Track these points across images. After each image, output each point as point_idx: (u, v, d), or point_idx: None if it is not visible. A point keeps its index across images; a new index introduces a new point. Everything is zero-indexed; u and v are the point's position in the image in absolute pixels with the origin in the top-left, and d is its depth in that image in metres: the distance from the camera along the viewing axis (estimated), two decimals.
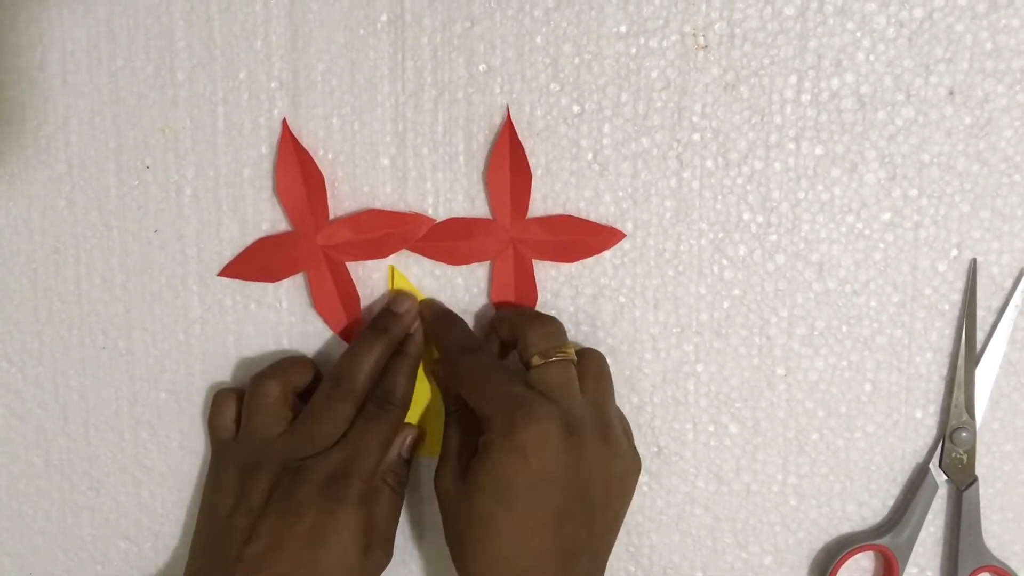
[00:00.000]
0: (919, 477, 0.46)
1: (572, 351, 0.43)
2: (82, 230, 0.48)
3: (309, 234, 0.46)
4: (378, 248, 0.46)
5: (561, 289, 0.46)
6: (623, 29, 0.44)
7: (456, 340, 0.44)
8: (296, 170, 0.46)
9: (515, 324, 0.43)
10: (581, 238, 0.45)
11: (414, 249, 0.46)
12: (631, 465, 0.43)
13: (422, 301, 0.46)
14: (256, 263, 0.47)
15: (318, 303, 0.46)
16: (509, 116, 0.45)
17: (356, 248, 0.46)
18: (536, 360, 0.42)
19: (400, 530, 0.47)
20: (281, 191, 0.46)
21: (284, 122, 0.46)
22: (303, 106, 0.46)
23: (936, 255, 0.45)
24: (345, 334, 0.47)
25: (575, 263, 0.46)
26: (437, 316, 0.46)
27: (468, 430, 0.43)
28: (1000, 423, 0.46)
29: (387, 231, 0.46)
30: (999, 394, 0.46)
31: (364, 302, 0.47)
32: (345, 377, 0.43)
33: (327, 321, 0.47)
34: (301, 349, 0.47)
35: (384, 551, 0.44)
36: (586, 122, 0.45)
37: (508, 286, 0.46)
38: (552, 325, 0.43)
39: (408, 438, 0.46)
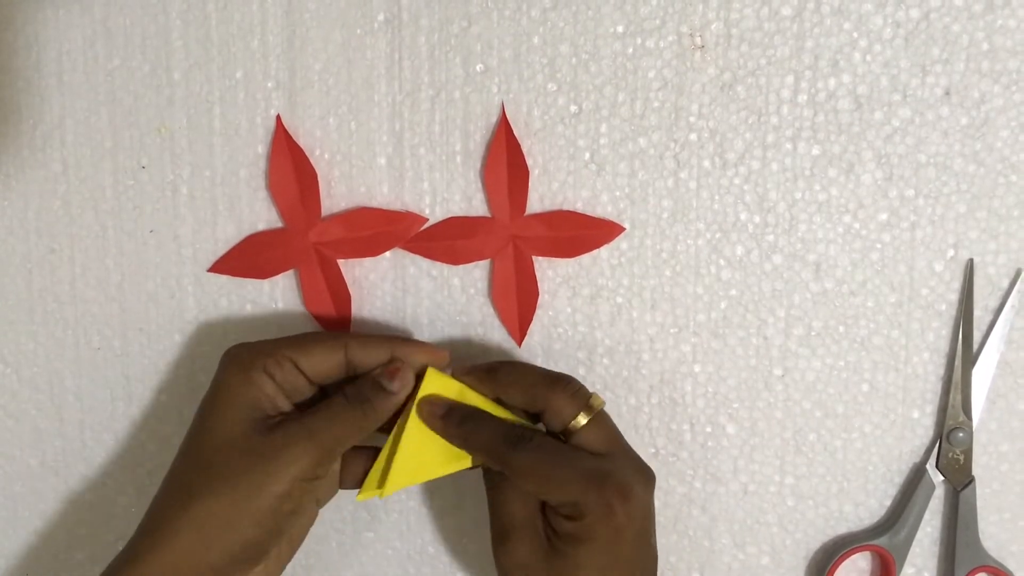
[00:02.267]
0: (916, 477, 0.46)
1: (597, 396, 0.42)
2: (78, 230, 0.47)
3: (301, 231, 0.46)
4: (370, 246, 0.46)
5: (558, 289, 0.46)
6: (620, 29, 0.44)
7: (497, 437, 0.41)
8: (289, 167, 0.46)
9: (533, 392, 0.41)
10: (581, 233, 0.45)
11: (413, 249, 0.46)
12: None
13: (424, 399, 0.42)
14: (247, 259, 0.46)
15: (309, 301, 0.46)
16: (504, 113, 0.45)
17: (348, 246, 0.46)
18: (581, 420, 0.41)
19: None
20: (273, 187, 0.46)
21: (278, 118, 0.46)
22: (300, 106, 0.46)
23: (933, 255, 0.45)
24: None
25: (573, 263, 0.46)
26: (461, 419, 0.41)
27: (526, 501, 0.41)
28: (997, 423, 0.46)
29: (379, 229, 0.46)
30: (996, 394, 0.46)
31: (355, 300, 0.47)
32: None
33: (317, 319, 0.46)
34: None
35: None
36: (583, 122, 0.45)
37: (509, 284, 0.46)
38: (573, 382, 0.42)
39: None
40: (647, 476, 0.41)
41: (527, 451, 0.40)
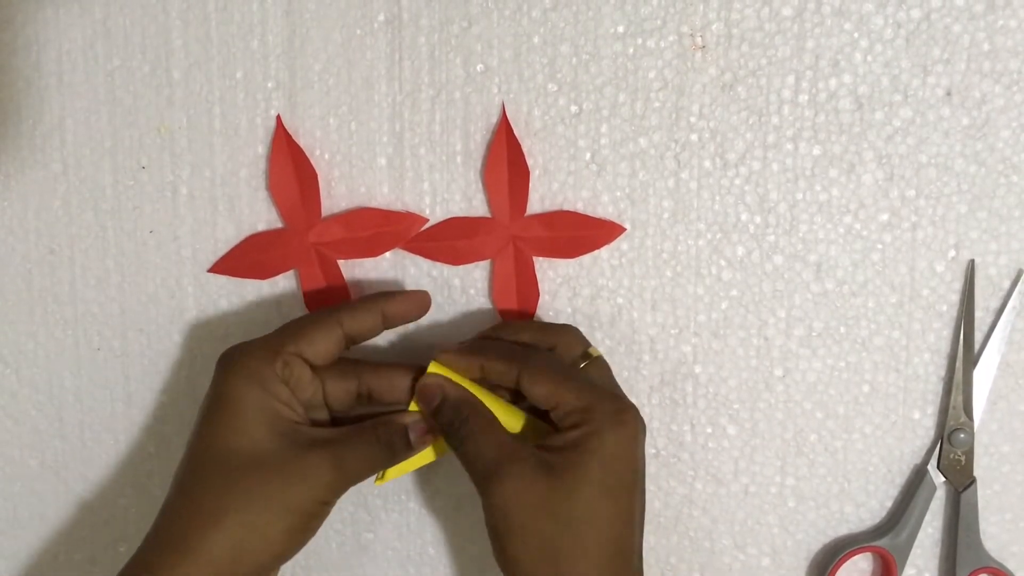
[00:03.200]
0: (917, 478, 0.46)
1: (594, 347, 0.44)
2: (77, 230, 0.47)
3: (301, 231, 0.46)
4: (370, 246, 0.46)
5: (559, 290, 0.46)
6: (620, 29, 0.44)
7: (514, 350, 0.42)
8: (289, 167, 0.45)
9: (542, 334, 0.43)
10: (581, 233, 0.45)
11: (413, 249, 0.46)
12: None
13: (412, 412, 0.42)
14: (247, 259, 0.46)
15: (309, 301, 0.46)
16: (505, 113, 0.45)
17: (348, 246, 0.46)
18: (593, 351, 0.43)
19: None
20: (273, 187, 0.46)
21: (278, 118, 0.46)
22: (300, 106, 0.46)
23: (934, 256, 0.45)
24: None
25: (573, 264, 0.46)
26: (473, 348, 0.43)
27: (530, 424, 0.42)
28: (998, 424, 0.46)
29: (379, 229, 0.46)
30: (997, 395, 0.46)
31: None
32: None
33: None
34: None
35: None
36: (584, 122, 0.45)
37: (509, 284, 0.46)
38: (575, 329, 0.44)
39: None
40: (644, 425, 0.41)
41: (543, 358, 0.41)
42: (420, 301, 0.44)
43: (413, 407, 0.42)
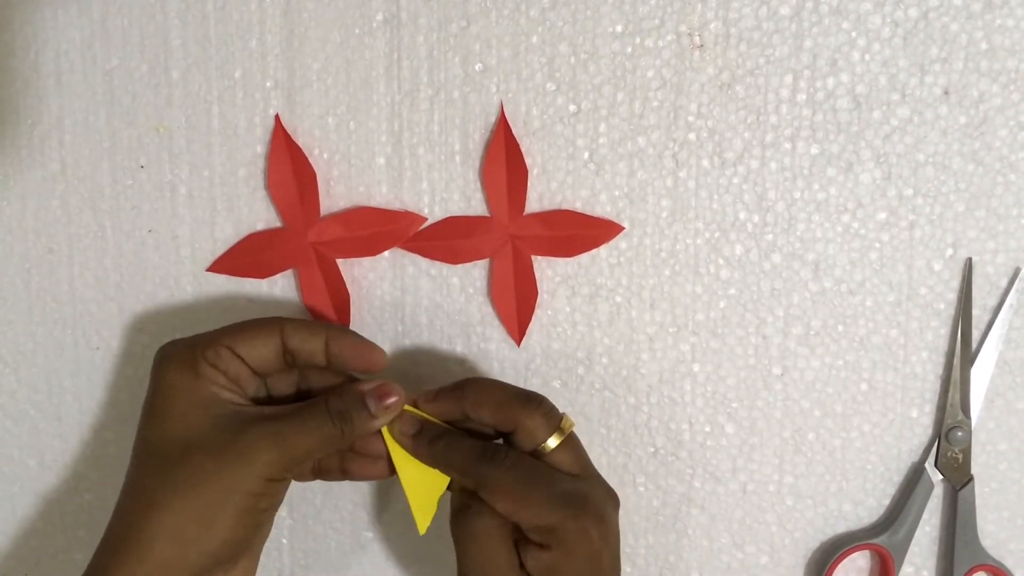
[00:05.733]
0: (915, 476, 0.46)
1: (568, 418, 0.41)
2: (76, 230, 0.47)
3: (300, 230, 0.46)
4: (369, 246, 0.46)
5: (557, 289, 0.46)
6: (619, 29, 0.44)
7: (472, 454, 0.40)
8: (288, 166, 0.45)
9: (505, 411, 0.40)
10: (580, 232, 0.45)
11: (412, 249, 0.46)
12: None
13: (395, 420, 0.41)
14: (246, 259, 0.46)
15: (308, 300, 0.46)
16: (503, 112, 0.45)
17: (347, 245, 0.46)
18: (553, 442, 0.40)
19: None
20: (272, 187, 0.46)
21: (276, 117, 0.46)
22: (298, 105, 0.46)
23: (932, 254, 0.45)
24: None
25: (572, 263, 0.46)
26: (432, 439, 0.41)
27: (503, 547, 0.40)
28: (995, 422, 0.46)
29: (378, 228, 0.46)
30: (994, 393, 0.46)
31: (354, 300, 0.47)
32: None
33: (316, 318, 0.46)
34: None
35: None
36: (582, 121, 0.45)
37: (508, 283, 0.46)
38: (545, 402, 0.41)
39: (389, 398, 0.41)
40: (615, 500, 0.41)
41: (503, 468, 0.39)
42: (370, 357, 0.41)
43: (403, 466, 0.41)
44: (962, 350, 0.45)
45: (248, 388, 0.41)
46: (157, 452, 0.39)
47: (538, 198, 0.46)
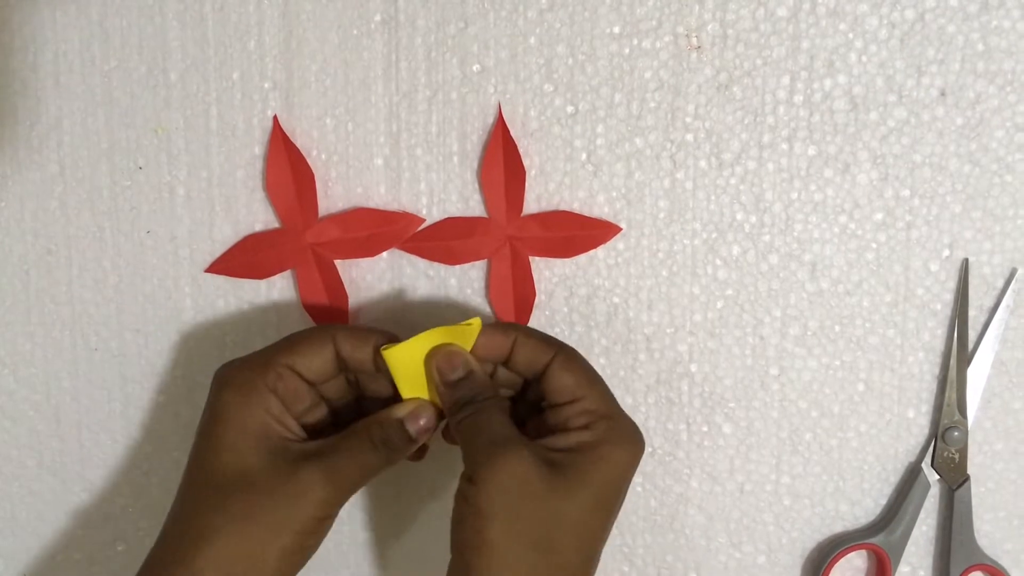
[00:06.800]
0: (911, 476, 0.46)
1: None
2: (74, 231, 0.47)
3: (298, 231, 0.46)
4: (367, 247, 0.46)
5: (555, 290, 0.46)
6: (616, 30, 0.44)
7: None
8: (286, 167, 0.46)
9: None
10: (578, 233, 0.45)
11: (410, 250, 0.46)
12: None
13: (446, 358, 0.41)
14: (244, 259, 0.46)
15: (306, 301, 0.46)
16: (501, 113, 0.45)
17: (345, 246, 0.46)
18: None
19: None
20: (270, 188, 0.46)
21: (275, 118, 0.46)
22: (296, 106, 0.46)
23: (928, 255, 0.45)
24: None
25: (569, 264, 0.46)
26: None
27: (527, 419, 0.41)
28: (992, 422, 0.46)
29: (376, 229, 0.46)
30: (991, 393, 0.46)
31: (352, 301, 0.47)
32: None
33: (315, 319, 0.47)
34: None
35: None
36: (580, 123, 0.45)
37: (506, 284, 0.46)
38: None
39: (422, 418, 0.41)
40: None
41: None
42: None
43: (408, 392, 0.41)
44: (958, 350, 0.45)
45: (305, 404, 0.41)
46: (211, 481, 0.39)
47: (536, 199, 0.46)
